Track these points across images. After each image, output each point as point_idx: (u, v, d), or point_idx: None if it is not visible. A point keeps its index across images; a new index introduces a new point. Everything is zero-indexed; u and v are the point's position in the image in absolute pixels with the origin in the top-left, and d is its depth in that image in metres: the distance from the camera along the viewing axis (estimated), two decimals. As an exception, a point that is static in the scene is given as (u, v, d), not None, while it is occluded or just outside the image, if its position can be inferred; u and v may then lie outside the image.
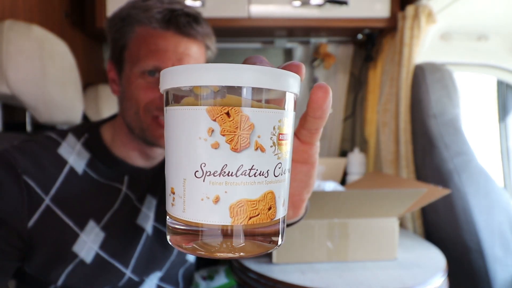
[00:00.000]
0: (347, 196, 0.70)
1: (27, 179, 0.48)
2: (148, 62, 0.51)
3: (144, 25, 0.51)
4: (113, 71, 0.58)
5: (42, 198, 0.49)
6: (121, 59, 0.55)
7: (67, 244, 0.50)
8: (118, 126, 0.59)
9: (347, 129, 1.53)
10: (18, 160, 0.48)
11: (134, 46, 0.52)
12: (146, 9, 0.51)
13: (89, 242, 0.52)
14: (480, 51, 1.32)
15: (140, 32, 0.52)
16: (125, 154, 0.59)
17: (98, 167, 0.55)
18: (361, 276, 0.71)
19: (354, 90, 1.49)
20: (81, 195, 0.52)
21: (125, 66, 0.54)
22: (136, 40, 0.52)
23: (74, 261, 0.51)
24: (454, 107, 1.02)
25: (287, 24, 1.14)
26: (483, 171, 0.96)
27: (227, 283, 1.19)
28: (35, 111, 0.73)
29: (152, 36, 0.51)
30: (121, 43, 0.54)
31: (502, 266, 0.90)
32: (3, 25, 0.70)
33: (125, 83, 0.54)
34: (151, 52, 0.50)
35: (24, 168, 0.48)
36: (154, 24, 0.50)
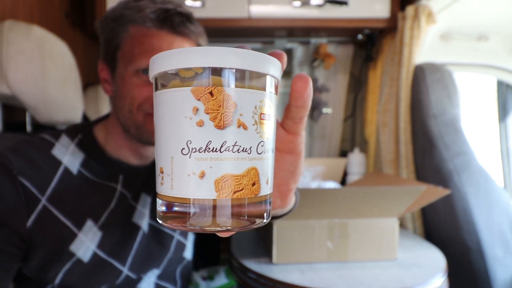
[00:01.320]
0: (347, 193, 0.70)
1: (22, 180, 0.49)
2: (142, 61, 0.51)
3: (138, 25, 0.51)
4: (105, 71, 0.58)
5: (39, 198, 0.49)
6: (114, 59, 0.55)
7: (65, 243, 0.51)
8: (111, 126, 0.59)
9: (347, 129, 1.53)
10: (13, 162, 0.49)
11: (128, 45, 0.52)
12: (140, 9, 0.51)
13: (86, 242, 0.52)
14: (480, 51, 1.32)
15: (134, 31, 0.52)
16: (119, 153, 0.59)
17: (92, 167, 0.56)
18: (361, 276, 0.71)
19: (354, 90, 1.50)
20: (77, 195, 0.53)
21: (119, 66, 0.54)
22: (130, 39, 0.52)
23: (71, 260, 0.51)
24: (454, 107, 1.02)
25: (287, 24, 1.14)
26: (483, 171, 0.96)
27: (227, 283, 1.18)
28: (35, 111, 0.73)
29: (146, 36, 0.51)
30: (115, 43, 0.54)
31: (502, 266, 0.90)
32: (3, 26, 0.70)
33: (119, 82, 0.54)
34: (145, 51, 0.50)
35: (19, 169, 0.49)
36: (148, 24, 0.51)
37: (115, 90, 0.56)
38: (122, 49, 0.53)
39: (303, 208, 0.72)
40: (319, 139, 1.47)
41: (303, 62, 1.42)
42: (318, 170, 1.07)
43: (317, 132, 1.47)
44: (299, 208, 0.72)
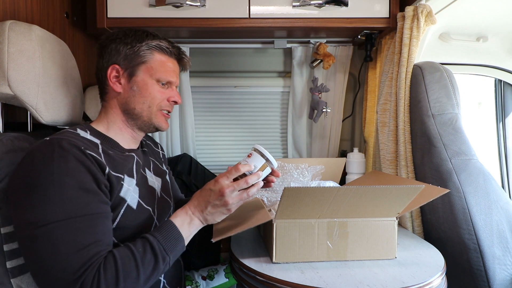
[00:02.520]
0: (346, 192, 0.70)
1: (89, 152, 0.64)
2: (164, 77, 0.78)
3: (163, 52, 0.79)
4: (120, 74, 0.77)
5: (104, 164, 0.66)
6: (135, 68, 0.76)
7: (118, 191, 0.68)
8: (112, 117, 0.78)
9: (346, 129, 1.54)
10: (76, 141, 0.64)
11: (155, 63, 0.77)
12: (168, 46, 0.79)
13: (131, 192, 0.71)
14: (479, 51, 1.33)
15: (159, 56, 0.78)
16: (120, 138, 0.79)
17: (108, 147, 0.73)
18: (360, 275, 0.71)
19: (353, 90, 1.50)
20: (116, 159, 0.71)
21: (140, 73, 0.77)
22: (157, 60, 0.78)
23: (124, 205, 0.68)
24: (453, 107, 1.03)
25: (287, 25, 1.14)
26: (482, 171, 0.96)
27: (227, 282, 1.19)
28: (35, 111, 0.74)
29: (168, 61, 0.80)
30: (140, 60, 0.76)
31: (501, 265, 0.91)
32: (5, 26, 0.70)
33: (141, 85, 0.77)
34: (167, 71, 0.79)
35: (82, 145, 0.64)
36: (170, 55, 0.80)
37: (135, 89, 0.77)
38: (148, 64, 0.77)
39: (303, 208, 0.72)
40: (319, 138, 1.48)
41: (303, 62, 1.43)
42: (317, 170, 1.07)
43: (317, 132, 1.47)
44: (299, 208, 0.72)
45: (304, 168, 1.04)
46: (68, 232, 0.58)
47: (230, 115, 1.54)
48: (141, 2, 1.11)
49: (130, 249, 0.61)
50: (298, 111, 1.47)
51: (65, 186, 0.59)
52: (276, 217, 0.74)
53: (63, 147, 0.61)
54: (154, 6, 1.10)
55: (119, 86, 0.77)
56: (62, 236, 0.57)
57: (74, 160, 0.61)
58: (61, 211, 0.58)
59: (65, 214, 0.58)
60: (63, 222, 0.58)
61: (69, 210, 0.59)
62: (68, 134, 0.67)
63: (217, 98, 1.53)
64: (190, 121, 1.45)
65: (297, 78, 1.44)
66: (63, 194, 0.59)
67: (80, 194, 0.60)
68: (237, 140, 1.56)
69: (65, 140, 0.63)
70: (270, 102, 1.55)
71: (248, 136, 1.56)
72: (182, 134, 1.47)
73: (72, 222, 0.58)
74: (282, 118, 1.55)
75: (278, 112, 1.55)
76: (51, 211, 0.58)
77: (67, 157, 0.61)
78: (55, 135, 0.65)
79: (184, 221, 0.69)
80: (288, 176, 1.01)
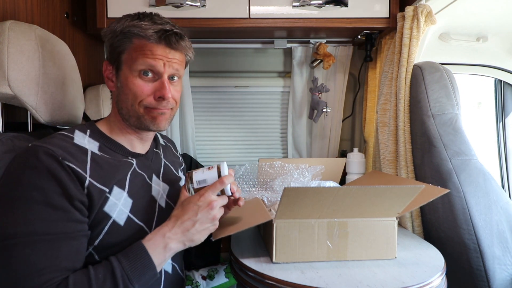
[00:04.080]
0: (346, 192, 0.70)
1: (67, 163, 0.58)
2: (143, 62, 0.66)
3: (142, 38, 0.67)
4: (110, 70, 0.71)
5: (84, 175, 0.60)
6: (119, 61, 0.69)
7: (101, 206, 0.61)
8: (113, 118, 0.73)
9: (346, 129, 1.54)
10: (55, 151, 0.58)
11: (132, 51, 0.67)
12: (144, 28, 0.66)
13: (119, 205, 0.64)
14: (479, 51, 1.33)
15: (137, 42, 0.67)
16: (124, 140, 0.73)
17: (107, 151, 0.68)
18: (361, 275, 0.71)
19: (353, 90, 1.50)
20: (104, 168, 0.65)
21: (123, 67, 0.68)
22: (134, 47, 0.67)
23: (109, 222, 0.62)
24: (453, 107, 1.03)
25: (287, 25, 1.14)
26: (482, 171, 0.96)
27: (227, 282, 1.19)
28: (36, 111, 0.73)
29: (146, 46, 0.67)
30: (120, 49, 0.68)
31: (501, 265, 0.91)
32: (5, 26, 0.70)
33: (123, 80, 0.68)
34: (146, 55, 0.66)
35: (60, 155, 0.58)
36: (150, 39, 0.66)
37: (119, 86, 0.70)
38: (127, 54, 0.67)
39: (303, 208, 0.72)
40: (319, 139, 1.48)
41: (303, 62, 1.43)
42: (317, 170, 1.07)
43: (317, 132, 1.47)
44: (299, 208, 0.72)
45: (304, 168, 1.04)
46: (25, 251, 0.53)
47: (230, 115, 1.54)
48: (141, 2, 1.11)
49: (88, 276, 0.55)
50: (298, 111, 1.47)
51: (32, 201, 0.55)
52: (276, 217, 0.74)
53: (38, 158, 0.57)
54: (154, 6, 1.10)
55: (111, 84, 0.71)
56: (18, 255, 0.53)
57: (46, 172, 0.56)
58: (22, 227, 0.54)
59: (26, 231, 0.54)
60: (22, 240, 0.53)
61: (31, 228, 0.54)
62: (55, 139, 0.62)
63: (217, 98, 1.53)
64: (190, 121, 1.45)
65: (297, 78, 1.44)
66: (28, 210, 0.54)
67: (46, 211, 0.55)
68: (237, 140, 1.56)
69: (42, 148, 0.58)
70: (270, 102, 1.55)
71: (248, 136, 1.56)
72: (182, 134, 1.47)
73: (32, 241, 0.54)
74: (282, 118, 1.55)
75: (278, 112, 1.55)
76: (12, 226, 0.54)
77: (40, 168, 0.56)
78: (40, 141, 0.61)
79: (158, 245, 0.61)
80: (288, 176, 1.01)
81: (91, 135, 0.69)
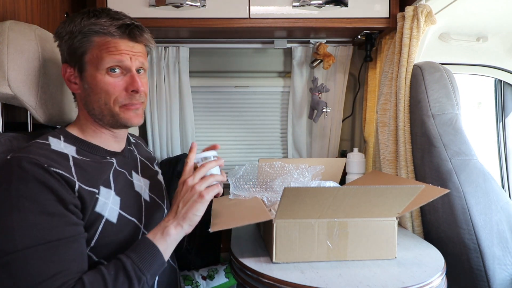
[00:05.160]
0: (346, 192, 0.70)
1: (53, 169, 0.58)
2: (109, 60, 0.65)
3: (103, 35, 0.65)
4: (70, 72, 0.70)
5: (73, 180, 0.60)
6: (81, 63, 0.67)
7: (93, 207, 0.62)
8: (84, 121, 0.72)
9: (346, 129, 1.54)
10: (38, 159, 0.57)
11: (95, 50, 0.66)
12: (104, 25, 0.65)
13: (110, 204, 0.65)
14: (479, 51, 1.33)
15: (99, 40, 0.66)
16: (99, 140, 0.72)
17: (85, 154, 0.68)
18: (361, 275, 0.71)
19: (353, 90, 1.50)
20: (88, 170, 0.65)
21: (87, 68, 0.67)
22: (96, 46, 0.66)
23: (102, 221, 0.63)
24: (453, 107, 1.03)
25: (287, 25, 1.14)
26: (482, 171, 0.96)
27: (227, 282, 1.19)
28: (36, 112, 0.73)
29: (110, 42, 0.66)
30: (81, 50, 0.66)
31: (501, 265, 0.91)
32: (5, 26, 0.70)
33: (90, 81, 0.67)
34: (111, 52, 0.65)
35: (45, 162, 0.57)
36: (112, 34, 0.66)
37: (86, 87, 0.68)
38: (89, 53, 0.66)
39: (303, 208, 0.72)
40: (319, 139, 1.48)
41: (303, 62, 1.43)
42: (317, 170, 1.07)
43: (317, 132, 1.47)
44: (299, 208, 0.72)
45: (304, 168, 1.04)
46: (30, 262, 0.52)
47: (230, 115, 1.54)
48: (141, 2, 1.11)
49: (101, 274, 0.56)
50: (298, 111, 1.47)
51: (26, 211, 0.54)
52: (276, 217, 0.74)
53: (22, 168, 0.55)
54: (154, 6, 1.10)
55: (74, 86, 0.70)
56: (23, 268, 0.52)
57: (34, 181, 0.55)
58: (21, 240, 0.53)
59: (26, 243, 0.53)
60: (24, 252, 0.52)
61: (31, 238, 0.53)
62: (33, 148, 0.60)
63: (217, 98, 1.53)
64: (190, 121, 1.45)
65: (297, 78, 1.44)
66: (24, 221, 0.54)
67: (43, 219, 0.55)
68: (237, 140, 1.56)
69: (25, 158, 0.57)
70: (270, 102, 1.55)
71: (248, 136, 1.56)
72: (182, 134, 1.47)
73: (34, 251, 0.53)
74: (282, 118, 1.55)
75: (278, 112, 1.55)
76: (10, 240, 0.53)
77: (27, 178, 0.55)
78: (18, 151, 0.59)
79: (156, 233, 0.63)
80: (288, 176, 1.01)
81: (66, 140, 0.68)
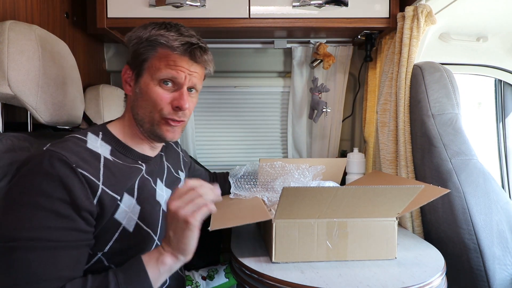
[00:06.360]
0: (346, 192, 0.70)
1: (81, 171, 0.58)
2: (165, 72, 0.67)
3: (166, 48, 0.67)
4: (128, 75, 0.72)
5: (97, 183, 0.60)
6: (140, 68, 0.69)
7: (112, 213, 0.62)
8: (127, 122, 0.74)
9: (346, 129, 1.54)
10: (68, 157, 0.58)
11: (155, 60, 0.68)
12: (170, 39, 0.67)
13: (129, 213, 0.65)
14: (479, 51, 1.33)
15: (161, 52, 0.68)
16: (135, 144, 0.73)
17: (118, 156, 0.69)
18: (361, 275, 0.71)
19: (353, 90, 1.50)
20: (116, 174, 0.65)
21: (144, 74, 0.69)
22: (158, 56, 0.68)
23: (119, 229, 0.63)
24: (453, 107, 1.03)
25: (287, 25, 1.14)
26: (482, 171, 0.96)
27: (227, 282, 1.19)
28: (36, 112, 0.73)
29: (171, 56, 0.68)
30: (144, 57, 0.68)
31: (501, 265, 0.91)
32: (5, 26, 0.70)
33: (142, 87, 0.69)
34: (169, 66, 0.67)
35: (75, 162, 0.58)
36: (175, 49, 0.67)
37: (137, 92, 0.70)
38: (150, 62, 0.68)
39: (302, 207, 0.72)
40: (319, 139, 1.48)
41: (303, 62, 1.43)
42: (318, 170, 1.07)
43: (317, 132, 1.47)
44: (298, 208, 0.72)
45: (305, 169, 1.04)
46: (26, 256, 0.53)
47: (230, 115, 1.54)
48: (141, 2, 1.11)
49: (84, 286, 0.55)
50: (298, 111, 1.47)
51: (39, 207, 0.55)
52: (276, 217, 0.74)
53: (51, 164, 0.56)
54: (154, 6, 1.10)
55: (128, 88, 0.72)
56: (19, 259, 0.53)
57: (58, 180, 0.56)
58: (26, 232, 0.54)
59: (29, 236, 0.54)
60: (25, 244, 0.53)
61: (35, 233, 0.54)
62: (69, 144, 0.62)
63: (217, 98, 1.53)
64: (190, 121, 1.45)
65: (297, 78, 1.44)
66: (34, 216, 0.55)
67: (51, 218, 0.55)
68: (237, 140, 1.56)
69: (57, 155, 0.57)
70: (270, 102, 1.55)
71: (248, 136, 1.56)
72: (182, 134, 1.47)
73: (34, 247, 0.53)
74: (282, 118, 1.55)
75: (278, 112, 1.55)
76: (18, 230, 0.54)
77: (52, 176, 0.56)
78: (54, 145, 0.60)
79: (152, 257, 0.59)
80: (289, 176, 1.01)
81: (104, 138, 0.69)
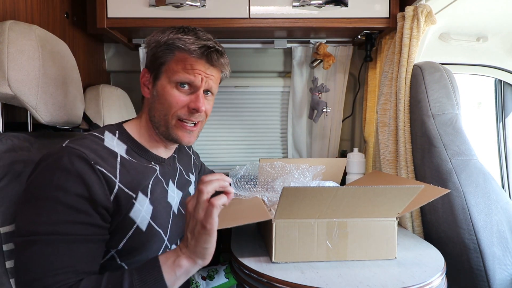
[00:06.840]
0: (345, 192, 0.70)
1: (99, 168, 0.60)
2: (182, 75, 0.69)
3: (184, 52, 0.69)
4: (146, 78, 0.74)
5: (114, 181, 0.62)
6: (158, 71, 0.71)
7: (127, 211, 0.64)
8: (144, 123, 0.75)
9: (346, 129, 1.54)
10: (87, 154, 0.60)
11: (173, 63, 0.69)
12: (188, 42, 0.68)
13: (143, 212, 0.67)
14: (479, 51, 1.33)
15: (179, 55, 0.69)
16: (151, 145, 0.75)
17: (133, 155, 0.71)
18: (361, 275, 0.71)
19: (353, 90, 1.50)
20: (131, 173, 0.67)
21: (162, 77, 0.71)
22: (175, 59, 0.69)
23: (133, 227, 0.65)
24: (453, 107, 1.03)
25: (287, 25, 1.14)
26: (482, 171, 0.96)
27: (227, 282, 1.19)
28: (36, 112, 0.73)
29: (188, 59, 0.69)
30: (162, 60, 0.70)
31: (501, 265, 0.91)
32: (5, 26, 0.70)
33: (160, 90, 0.71)
34: (186, 70, 0.69)
35: (93, 159, 0.60)
36: (192, 53, 0.68)
37: (154, 94, 0.72)
38: (167, 65, 0.70)
39: (302, 207, 0.72)
40: (319, 139, 1.47)
41: (303, 62, 1.43)
42: (318, 170, 1.07)
43: (317, 132, 1.47)
44: (298, 208, 0.72)
45: (305, 169, 1.04)
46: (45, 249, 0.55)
47: (230, 115, 1.54)
48: (141, 2, 1.11)
49: (99, 284, 0.55)
50: (298, 111, 1.47)
51: (57, 202, 0.56)
52: (275, 217, 0.74)
53: (70, 160, 0.58)
54: (154, 6, 1.10)
55: (146, 91, 0.74)
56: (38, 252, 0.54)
57: (76, 176, 0.57)
58: (45, 227, 0.55)
59: (48, 230, 0.55)
60: (44, 238, 0.55)
61: (54, 228, 0.55)
62: (87, 141, 0.63)
63: (217, 98, 1.53)
64: (190, 121, 1.45)
65: (297, 78, 1.44)
66: (52, 210, 0.56)
67: (69, 213, 0.57)
68: (237, 140, 1.56)
69: (76, 151, 0.59)
70: (270, 102, 1.55)
71: (248, 136, 1.56)
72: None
73: (52, 241, 0.55)
74: (282, 118, 1.55)
75: (278, 112, 1.55)
76: (37, 224, 0.55)
77: (71, 171, 0.57)
78: (73, 141, 0.62)
79: (169, 258, 0.58)
80: (289, 176, 1.01)
81: (120, 137, 0.71)
